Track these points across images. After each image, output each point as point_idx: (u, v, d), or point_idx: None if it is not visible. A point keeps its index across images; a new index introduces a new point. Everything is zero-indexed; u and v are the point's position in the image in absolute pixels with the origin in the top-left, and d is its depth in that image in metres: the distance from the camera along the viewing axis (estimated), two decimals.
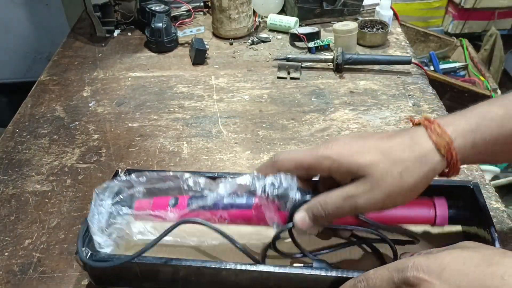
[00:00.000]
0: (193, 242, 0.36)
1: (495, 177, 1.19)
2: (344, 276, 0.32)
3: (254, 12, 0.85)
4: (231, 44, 0.81)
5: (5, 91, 1.50)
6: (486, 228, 0.35)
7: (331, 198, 0.31)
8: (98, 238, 0.35)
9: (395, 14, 0.84)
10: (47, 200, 0.49)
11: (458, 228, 0.40)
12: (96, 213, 0.37)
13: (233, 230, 0.35)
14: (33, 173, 0.53)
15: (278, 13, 0.86)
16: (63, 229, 0.46)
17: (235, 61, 0.75)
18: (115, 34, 0.85)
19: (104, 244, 0.36)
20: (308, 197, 0.33)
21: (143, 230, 0.36)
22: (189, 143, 0.58)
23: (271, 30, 0.84)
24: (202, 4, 0.92)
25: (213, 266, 0.33)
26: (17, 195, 0.50)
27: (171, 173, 0.36)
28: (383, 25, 0.79)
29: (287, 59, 0.72)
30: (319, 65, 0.72)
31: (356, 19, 0.84)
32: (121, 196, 0.38)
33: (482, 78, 0.88)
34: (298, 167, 0.32)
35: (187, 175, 0.36)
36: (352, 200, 0.30)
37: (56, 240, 0.44)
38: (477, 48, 1.47)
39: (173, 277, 0.36)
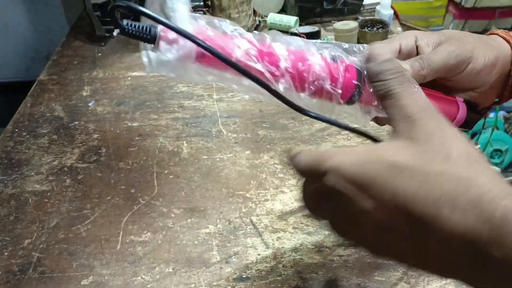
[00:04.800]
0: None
1: None
2: None
3: (254, 11, 0.84)
4: None
5: (4, 91, 1.49)
6: None
7: (427, 54, 0.32)
8: None
9: (395, 13, 0.84)
10: (46, 200, 0.49)
11: None
12: None
13: None
14: (33, 173, 0.53)
15: (278, 12, 0.86)
16: (63, 229, 0.46)
17: None
18: (115, 33, 0.83)
19: None
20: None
21: None
22: (189, 143, 0.57)
23: (271, 30, 0.84)
24: (202, 3, 0.92)
25: None
26: (17, 195, 0.50)
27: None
28: (383, 24, 0.79)
29: None
30: None
31: (356, 18, 0.84)
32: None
33: None
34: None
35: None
36: (454, 53, 0.33)
37: (55, 240, 0.44)
38: None
39: None
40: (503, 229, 0.18)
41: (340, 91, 0.27)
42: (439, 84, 0.34)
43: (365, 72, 0.28)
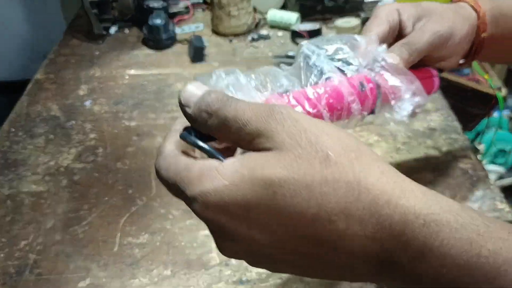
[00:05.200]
0: None
1: (500, 177, 1.18)
2: None
3: (254, 8, 0.83)
4: (230, 41, 0.79)
5: (4, 90, 1.49)
6: None
7: (413, 36, 0.33)
8: None
9: None
10: (43, 201, 0.48)
11: None
12: None
13: None
14: (29, 173, 0.52)
15: (278, 10, 0.85)
16: (60, 230, 0.45)
17: (235, 59, 0.74)
18: (113, 31, 0.83)
19: None
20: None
21: None
22: None
23: (272, 27, 0.83)
24: (201, 0, 0.91)
25: None
26: (13, 196, 0.49)
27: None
28: None
29: (288, 57, 0.71)
30: None
31: (358, 16, 0.83)
32: None
33: (486, 76, 0.87)
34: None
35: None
36: (439, 33, 0.33)
37: (52, 242, 0.44)
38: None
39: None
40: (405, 233, 0.17)
41: (366, 113, 0.29)
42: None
43: (382, 85, 0.28)
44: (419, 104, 0.30)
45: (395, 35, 0.35)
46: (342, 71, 0.27)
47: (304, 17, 0.83)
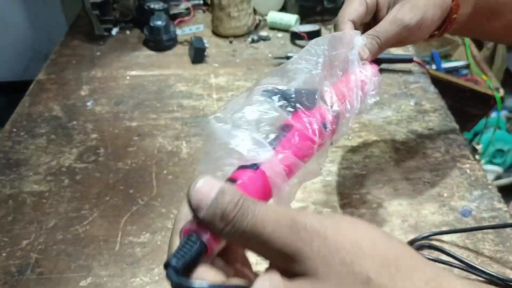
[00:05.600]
0: None
1: (498, 178, 1.18)
2: None
3: (254, 10, 0.84)
4: (230, 42, 0.80)
5: (3, 90, 1.49)
6: None
7: (383, 27, 0.33)
8: None
9: None
10: (44, 201, 0.49)
11: None
12: None
13: None
14: (31, 173, 0.53)
15: (278, 11, 0.85)
16: (61, 230, 0.45)
17: (235, 60, 0.75)
18: (114, 32, 0.84)
19: None
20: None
21: None
22: (188, 143, 0.57)
23: (272, 28, 0.83)
24: (201, 2, 0.91)
25: None
26: (15, 195, 0.50)
27: None
28: None
29: (288, 58, 0.71)
30: None
31: None
32: None
33: (484, 77, 0.87)
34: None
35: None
36: (408, 27, 0.33)
37: (54, 241, 0.44)
38: (480, 46, 1.45)
39: None
40: None
41: (334, 138, 0.28)
42: None
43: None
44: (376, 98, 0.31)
45: (372, 15, 0.35)
46: (310, 103, 0.26)
47: (304, 19, 0.83)
